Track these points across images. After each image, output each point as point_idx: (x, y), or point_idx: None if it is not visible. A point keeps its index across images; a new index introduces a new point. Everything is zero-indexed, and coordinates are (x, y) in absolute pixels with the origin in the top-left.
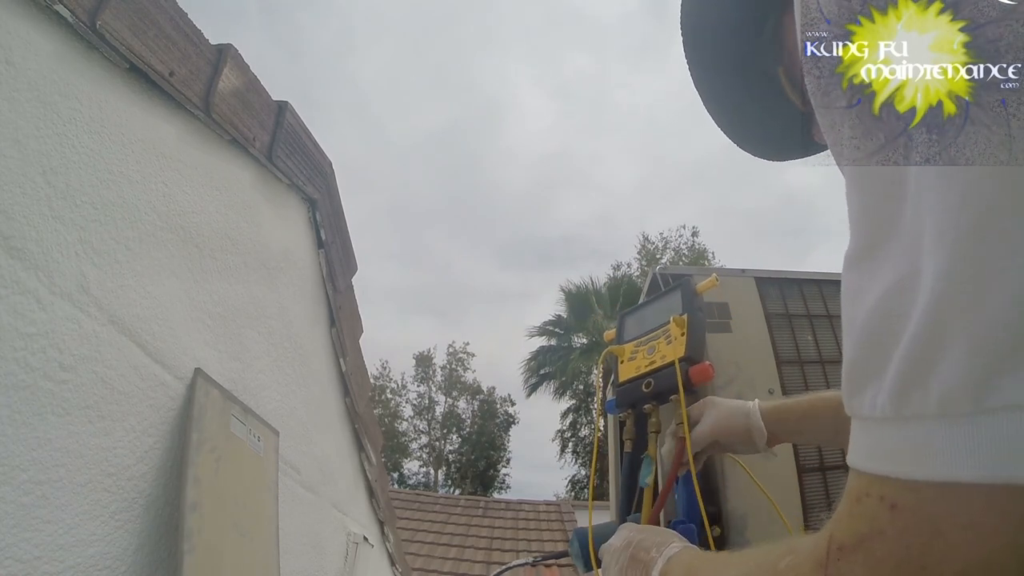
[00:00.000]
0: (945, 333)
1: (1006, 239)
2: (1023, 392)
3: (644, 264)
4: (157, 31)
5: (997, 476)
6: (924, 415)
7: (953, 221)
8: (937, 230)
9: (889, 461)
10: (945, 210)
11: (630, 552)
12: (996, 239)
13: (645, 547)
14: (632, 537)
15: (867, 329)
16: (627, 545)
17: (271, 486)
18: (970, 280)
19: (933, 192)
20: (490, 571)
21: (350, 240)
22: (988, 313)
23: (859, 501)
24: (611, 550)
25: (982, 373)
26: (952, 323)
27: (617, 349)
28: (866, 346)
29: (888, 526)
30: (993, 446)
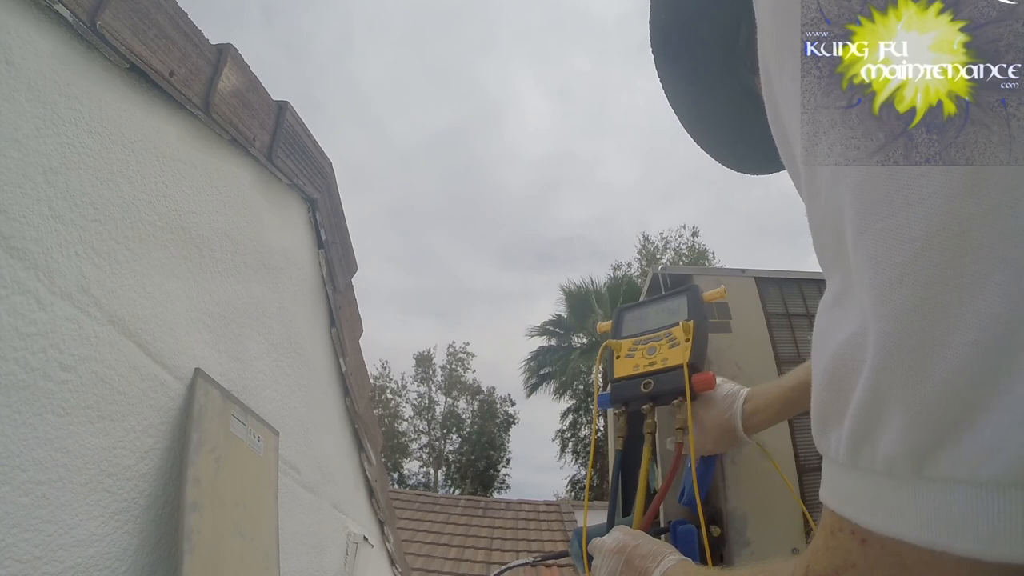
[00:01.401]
0: (885, 403)
1: (944, 316)
2: (960, 467)
3: (644, 264)
4: (157, 31)
5: (936, 544)
6: (874, 470)
7: (890, 297)
8: (874, 302)
9: (851, 504)
10: (881, 285)
11: (625, 557)
12: (934, 316)
13: (641, 554)
14: (626, 541)
15: (829, 376)
16: (621, 549)
17: (271, 486)
18: (908, 354)
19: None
20: (490, 571)
21: (350, 240)
22: (926, 387)
23: (833, 535)
24: (602, 550)
25: (920, 445)
26: (892, 394)
27: (614, 344)
28: (829, 392)
29: (860, 559)
30: (931, 514)
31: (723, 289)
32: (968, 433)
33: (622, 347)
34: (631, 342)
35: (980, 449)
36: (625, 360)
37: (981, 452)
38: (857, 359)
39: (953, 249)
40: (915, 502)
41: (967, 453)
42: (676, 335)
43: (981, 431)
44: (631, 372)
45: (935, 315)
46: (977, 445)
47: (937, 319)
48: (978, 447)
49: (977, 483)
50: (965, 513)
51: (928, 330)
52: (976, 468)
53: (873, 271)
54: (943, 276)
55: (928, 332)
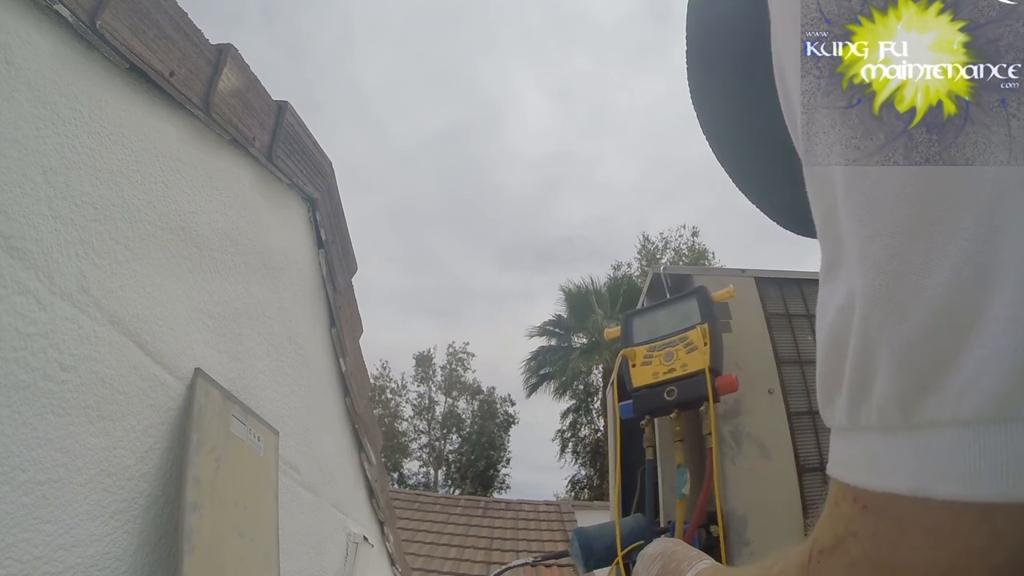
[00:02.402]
0: (874, 352)
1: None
2: (942, 408)
3: (644, 264)
4: (157, 31)
5: (920, 490)
6: (869, 427)
7: (871, 247)
8: (859, 254)
9: (851, 469)
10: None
11: (661, 563)
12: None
13: (678, 559)
14: (667, 549)
15: (827, 344)
16: (661, 554)
17: (271, 486)
18: (889, 299)
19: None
20: (490, 571)
21: (350, 240)
22: (907, 330)
23: (836, 505)
24: (646, 557)
25: (906, 389)
26: (878, 341)
27: (629, 352)
28: (828, 360)
29: (860, 527)
30: (919, 461)
31: (731, 289)
32: (948, 373)
33: (637, 355)
34: (645, 349)
35: (959, 388)
36: (642, 368)
37: (959, 390)
38: (848, 322)
39: (926, 199)
40: (905, 451)
41: (948, 393)
42: (693, 339)
43: (959, 370)
44: (651, 380)
45: (912, 261)
46: (956, 384)
47: (914, 264)
48: (957, 386)
49: (958, 422)
50: (947, 455)
51: (906, 275)
52: (956, 407)
53: (858, 226)
54: (918, 224)
55: (906, 277)
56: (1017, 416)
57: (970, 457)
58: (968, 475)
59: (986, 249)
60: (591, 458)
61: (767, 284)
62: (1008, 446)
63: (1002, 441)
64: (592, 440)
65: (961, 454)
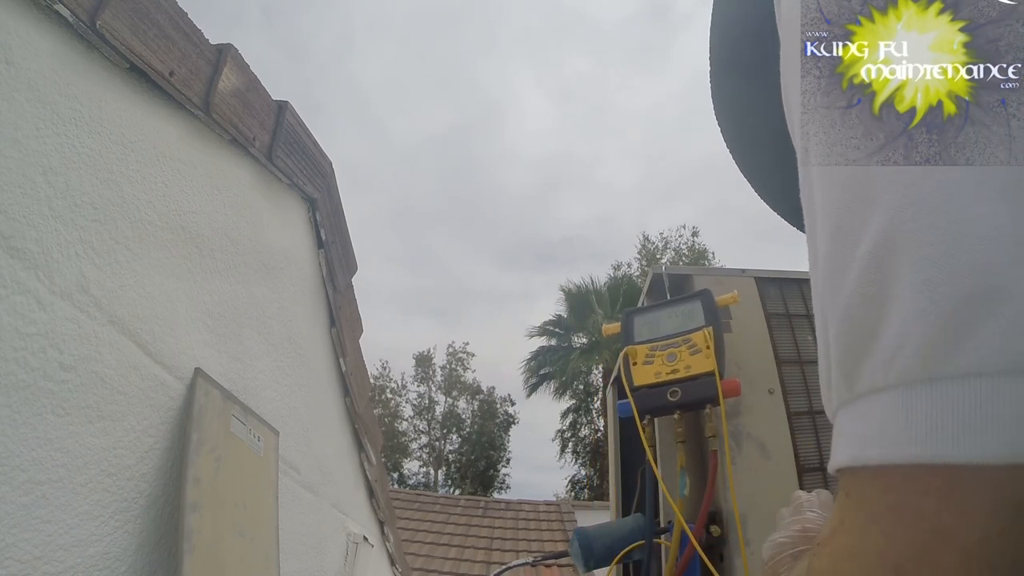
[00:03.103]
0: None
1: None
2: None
3: (644, 264)
4: (157, 31)
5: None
6: (834, 409)
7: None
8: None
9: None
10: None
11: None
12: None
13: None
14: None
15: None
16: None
17: (271, 486)
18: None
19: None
20: (490, 571)
21: (350, 240)
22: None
23: (836, 496)
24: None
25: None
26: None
27: (631, 350)
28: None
29: (846, 515)
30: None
31: (736, 294)
32: (876, 341)
33: (638, 353)
34: (647, 348)
35: (886, 354)
36: (643, 367)
37: (887, 356)
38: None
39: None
40: (849, 423)
41: (876, 360)
42: (696, 341)
43: (884, 337)
44: (653, 380)
45: (846, 235)
46: (883, 350)
47: (846, 238)
48: (884, 352)
49: (888, 387)
50: (878, 420)
51: (841, 248)
52: (885, 373)
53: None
54: (853, 201)
55: (841, 250)
56: (941, 375)
57: (898, 420)
58: (896, 439)
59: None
60: (591, 458)
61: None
62: (932, 405)
63: (927, 401)
64: (592, 440)
65: (890, 418)
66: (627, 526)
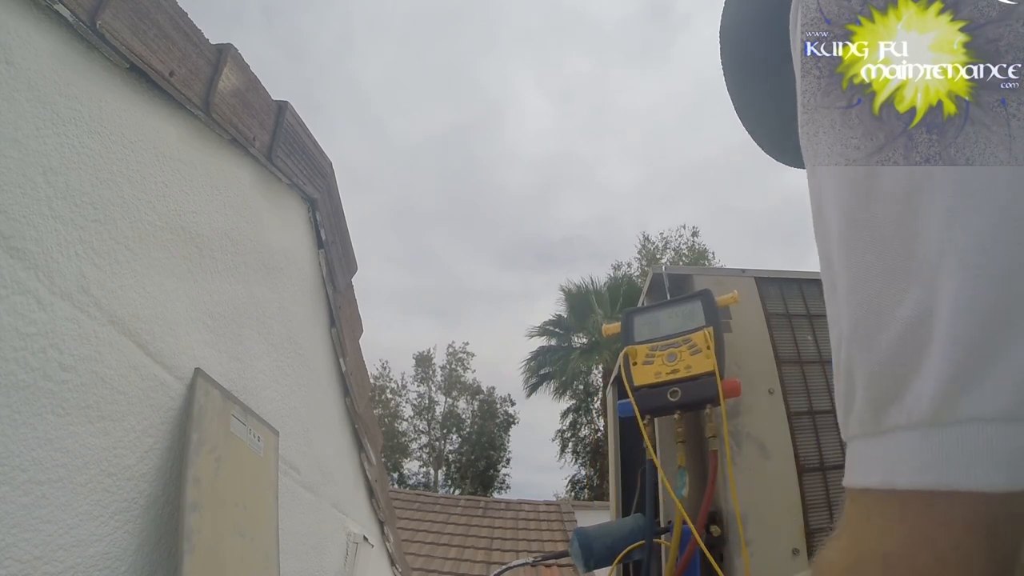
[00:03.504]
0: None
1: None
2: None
3: (644, 264)
4: (157, 31)
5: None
6: (854, 435)
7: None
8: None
9: (847, 473)
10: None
11: None
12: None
13: None
14: None
15: (836, 367)
16: None
17: (271, 486)
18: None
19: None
20: (490, 571)
21: (350, 240)
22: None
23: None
24: None
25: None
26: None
27: (631, 350)
28: (839, 383)
29: (850, 520)
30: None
31: (736, 294)
32: (906, 388)
33: (638, 353)
34: (647, 348)
35: (911, 399)
36: (643, 367)
37: (911, 401)
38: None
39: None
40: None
41: (904, 403)
42: (697, 341)
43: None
44: (653, 380)
45: (881, 304)
46: (909, 396)
47: (883, 307)
48: (909, 398)
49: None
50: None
51: (877, 315)
52: (909, 414)
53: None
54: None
55: (878, 316)
56: (948, 421)
57: (918, 454)
58: (919, 468)
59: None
60: (591, 458)
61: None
62: (942, 444)
63: (939, 441)
64: (592, 440)
65: (912, 452)
66: (627, 526)
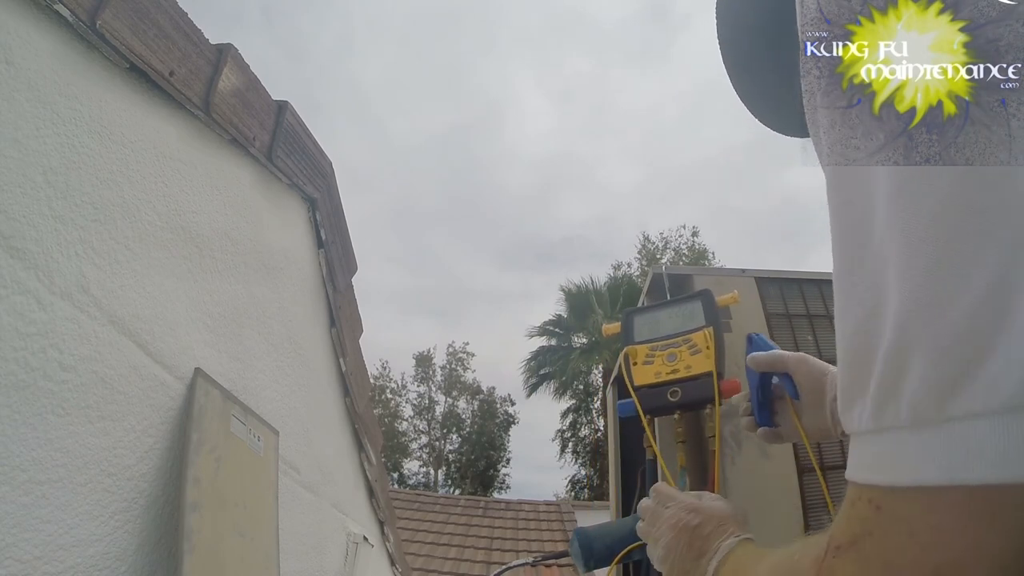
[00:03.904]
0: (909, 354)
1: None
2: (975, 399)
3: (644, 264)
4: (157, 31)
5: (955, 479)
6: (897, 426)
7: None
8: (901, 262)
9: (871, 469)
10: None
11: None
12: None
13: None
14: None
15: (849, 353)
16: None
17: (271, 486)
18: (929, 306)
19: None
20: (490, 571)
21: (350, 240)
22: (945, 332)
23: (853, 505)
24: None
25: (943, 383)
26: (916, 343)
27: (631, 350)
28: (851, 369)
29: (875, 527)
30: (951, 451)
31: (736, 294)
32: (981, 368)
33: (638, 353)
34: (647, 348)
35: (990, 380)
36: (644, 367)
37: (991, 383)
38: (878, 330)
39: (964, 216)
40: (936, 443)
41: (980, 385)
42: (697, 341)
43: (991, 365)
44: (653, 380)
45: (951, 271)
46: (988, 377)
47: (953, 274)
48: (989, 379)
49: (989, 413)
50: (980, 442)
51: (946, 284)
52: (988, 398)
53: (901, 240)
54: (957, 238)
55: (945, 285)
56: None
57: (1004, 442)
58: (1002, 459)
59: (1019, 258)
60: (591, 458)
61: (767, 284)
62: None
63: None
64: (592, 440)
65: (995, 440)
66: (627, 526)
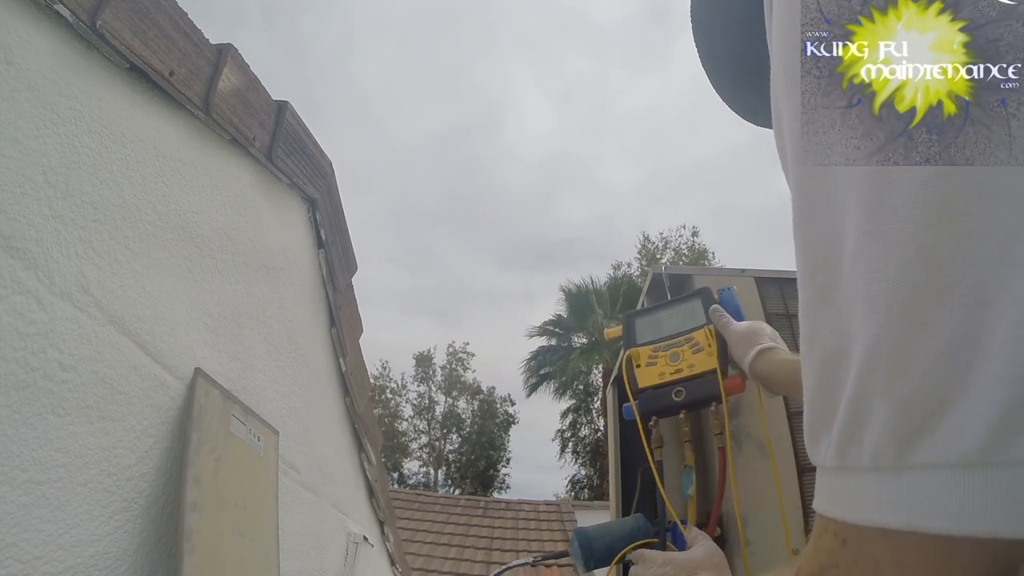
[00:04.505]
0: (871, 399)
1: (923, 322)
2: (935, 451)
3: (644, 264)
4: (157, 31)
5: (913, 526)
6: (859, 468)
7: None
8: (864, 309)
9: (835, 505)
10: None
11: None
12: (915, 321)
13: None
14: None
15: (814, 390)
16: None
17: (271, 486)
18: (893, 354)
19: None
20: (490, 571)
21: (350, 240)
22: (908, 382)
23: (820, 536)
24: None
25: (902, 434)
26: (877, 390)
27: (634, 352)
28: (815, 406)
29: (841, 560)
30: (910, 499)
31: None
32: (940, 421)
33: (641, 355)
34: (650, 349)
35: (950, 434)
36: (647, 368)
37: (950, 437)
38: (844, 367)
39: (930, 267)
40: (895, 489)
41: (940, 439)
42: (698, 340)
43: (950, 419)
44: (657, 381)
45: (916, 321)
46: (948, 431)
47: (917, 324)
48: (948, 433)
49: (948, 465)
50: (938, 493)
51: (910, 334)
52: (947, 451)
53: (866, 283)
54: (922, 288)
55: (910, 335)
56: (998, 461)
57: (959, 496)
58: (957, 512)
59: (980, 314)
60: (591, 458)
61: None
62: (990, 488)
63: (984, 483)
64: (592, 440)
65: (951, 493)
66: (627, 526)
